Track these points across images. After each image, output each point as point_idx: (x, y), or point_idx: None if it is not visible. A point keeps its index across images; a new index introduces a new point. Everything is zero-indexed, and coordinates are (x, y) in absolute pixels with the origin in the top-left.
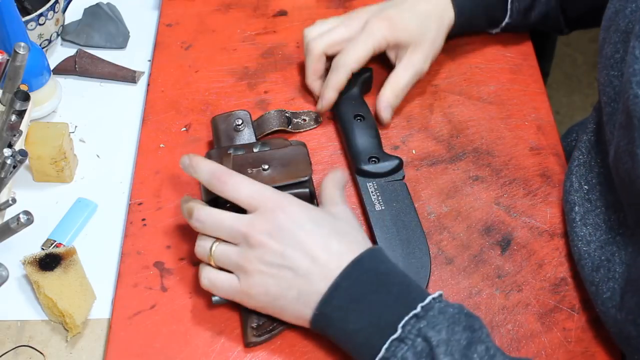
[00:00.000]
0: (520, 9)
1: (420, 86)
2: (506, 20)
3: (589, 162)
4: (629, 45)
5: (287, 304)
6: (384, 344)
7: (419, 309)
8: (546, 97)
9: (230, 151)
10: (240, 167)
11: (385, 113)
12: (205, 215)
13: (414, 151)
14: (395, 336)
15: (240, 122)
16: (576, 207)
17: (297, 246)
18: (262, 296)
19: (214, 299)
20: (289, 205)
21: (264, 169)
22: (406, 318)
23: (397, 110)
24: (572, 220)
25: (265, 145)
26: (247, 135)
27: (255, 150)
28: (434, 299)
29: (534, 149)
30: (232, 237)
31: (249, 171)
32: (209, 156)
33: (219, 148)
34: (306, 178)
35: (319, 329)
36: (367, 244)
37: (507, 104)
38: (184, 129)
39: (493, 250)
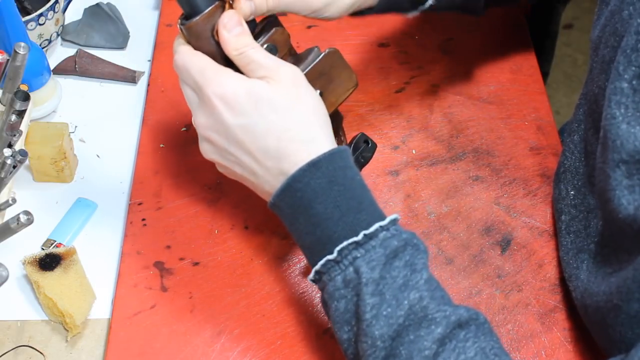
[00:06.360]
0: None
1: (420, 86)
2: (429, 1)
3: (574, 165)
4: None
5: (249, 184)
6: (322, 259)
7: (360, 236)
8: (546, 97)
9: None
10: None
11: None
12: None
13: (414, 151)
14: (331, 257)
15: None
16: (562, 216)
17: (238, 145)
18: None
19: None
20: (228, 90)
21: (320, 95)
22: (345, 243)
23: (397, 110)
24: (559, 230)
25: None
26: None
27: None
28: (381, 226)
29: (534, 149)
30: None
31: None
32: None
33: None
34: (354, 87)
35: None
36: (324, 142)
37: (507, 104)
38: (184, 129)
39: (493, 250)
